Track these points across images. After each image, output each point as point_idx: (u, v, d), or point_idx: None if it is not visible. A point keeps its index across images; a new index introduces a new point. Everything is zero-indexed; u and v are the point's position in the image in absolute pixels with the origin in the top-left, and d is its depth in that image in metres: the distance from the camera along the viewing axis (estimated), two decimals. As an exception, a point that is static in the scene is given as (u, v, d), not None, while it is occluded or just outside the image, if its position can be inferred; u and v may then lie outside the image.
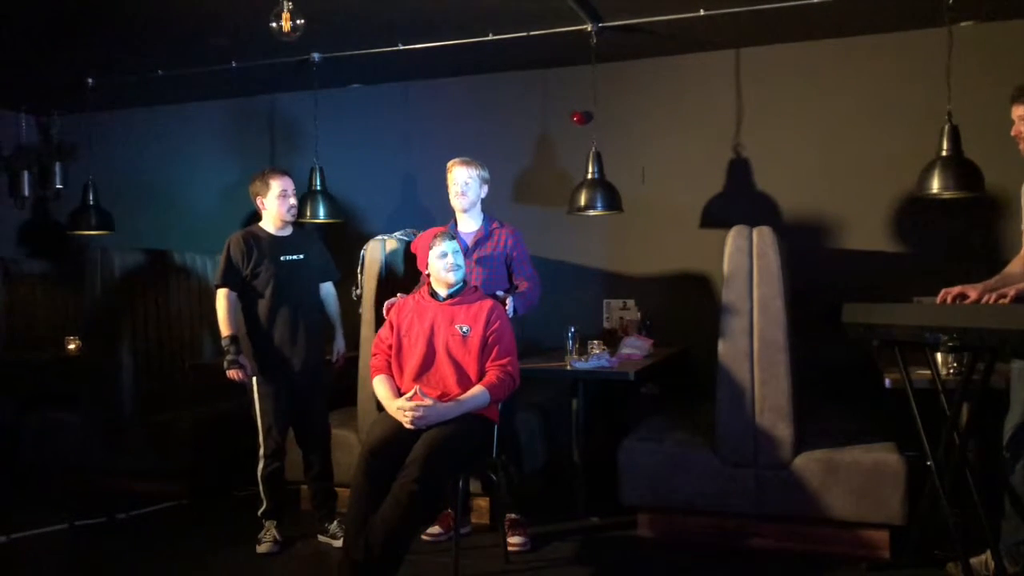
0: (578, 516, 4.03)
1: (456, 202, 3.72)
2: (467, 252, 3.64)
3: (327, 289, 3.89)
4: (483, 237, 3.72)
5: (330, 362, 3.92)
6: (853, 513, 3.41)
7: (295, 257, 3.70)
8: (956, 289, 2.78)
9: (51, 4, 4.08)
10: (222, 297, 3.63)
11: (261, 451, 3.67)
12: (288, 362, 3.63)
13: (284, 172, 3.73)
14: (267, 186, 3.67)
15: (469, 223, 3.76)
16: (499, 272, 3.70)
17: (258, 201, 3.71)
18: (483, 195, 3.77)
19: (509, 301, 3.49)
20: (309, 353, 3.68)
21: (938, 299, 2.81)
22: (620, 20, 4.34)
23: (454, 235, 3.40)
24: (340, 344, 3.93)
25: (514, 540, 3.61)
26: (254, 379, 3.66)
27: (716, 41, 4.74)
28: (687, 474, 3.63)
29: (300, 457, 3.79)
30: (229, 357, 3.57)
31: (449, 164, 3.75)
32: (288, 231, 3.76)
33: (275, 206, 3.67)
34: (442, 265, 3.29)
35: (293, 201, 3.70)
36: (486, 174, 3.77)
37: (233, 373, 3.58)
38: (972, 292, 2.75)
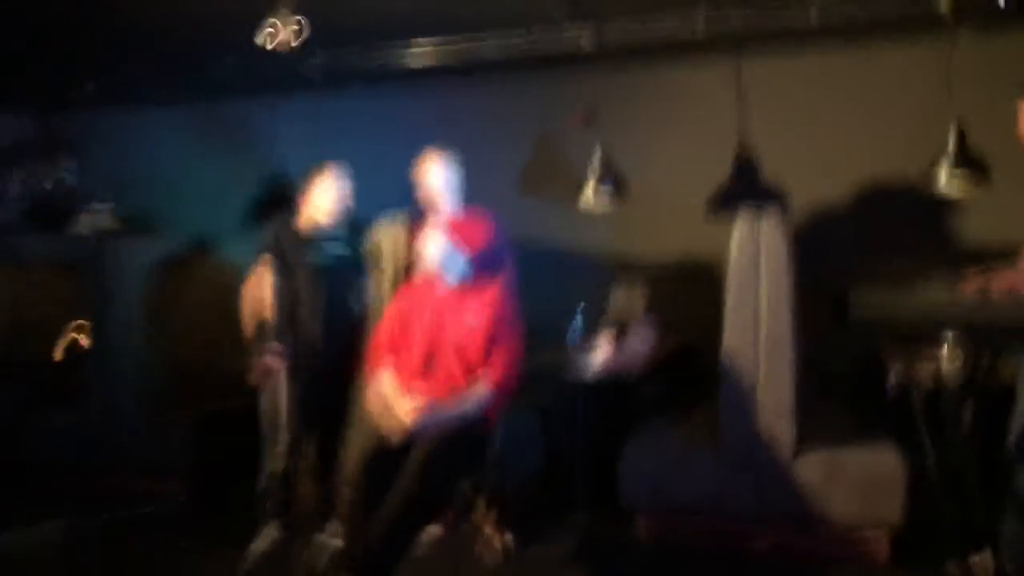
0: (577, 516, 4.03)
1: (437, 202, 3.68)
2: None
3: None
4: None
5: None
6: (854, 513, 3.41)
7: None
8: (980, 281, 2.76)
9: (51, 4, 4.08)
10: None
11: (274, 448, 3.67)
12: (310, 361, 3.62)
13: (335, 170, 3.75)
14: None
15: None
16: None
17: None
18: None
19: None
20: (333, 354, 3.65)
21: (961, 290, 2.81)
22: (620, 22, 4.34)
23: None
24: None
25: (505, 538, 3.62)
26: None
27: (719, 41, 4.72)
28: (687, 475, 3.62)
29: (311, 455, 3.78)
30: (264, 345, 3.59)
31: (422, 159, 3.68)
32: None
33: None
34: (427, 258, 3.29)
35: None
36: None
37: (267, 361, 3.58)
38: (992, 282, 2.74)
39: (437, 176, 3.65)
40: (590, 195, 4.50)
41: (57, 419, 4.85)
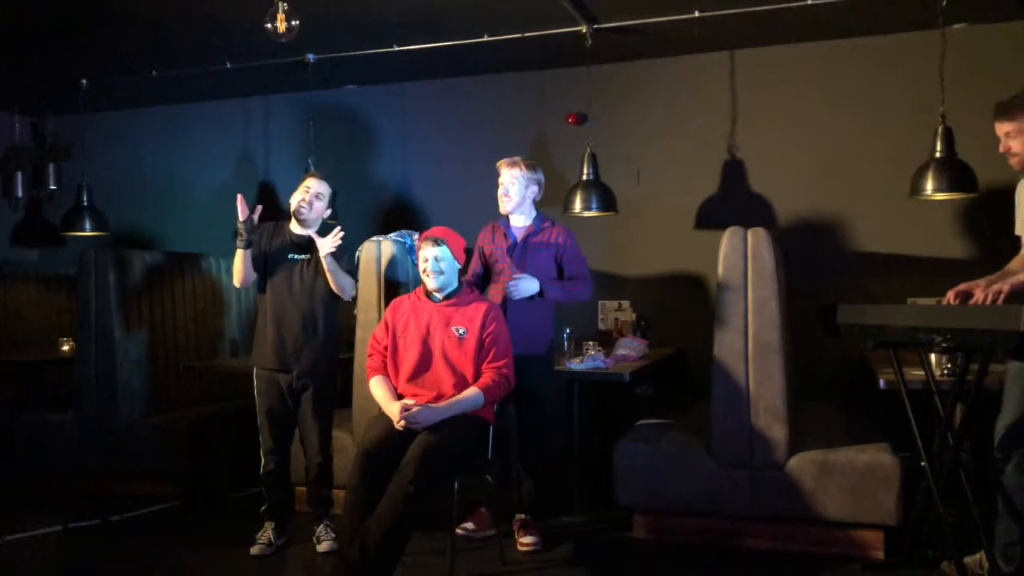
0: (573, 517, 4.03)
1: (501, 204, 3.74)
2: (514, 246, 3.70)
3: None
4: (533, 232, 3.74)
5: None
6: (848, 514, 3.42)
7: (300, 257, 3.64)
8: (962, 287, 2.79)
9: (45, 5, 4.07)
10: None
11: (262, 449, 3.67)
12: (280, 361, 3.61)
13: (313, 175, 3.72)
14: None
15: (520, 219, 3.77)
16: (547, 265, 3.70)
17: None
18: (533, 196, 3.75)
19: (518, 279, 3.52)
20: (305, 356, 3.61)
21: (945, 299, 2.82)
22: (615, 22, 4.35)
23: (442, 242, 3.30)
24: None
25: (526, 540, 3.62)
26: (254, 372, 3.67)
27: (711, 43, 4.75)
28: (682, 475, 3.63)
29: (302, 458, 3.77)
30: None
31: (497, 164, 3.76)
32: (314, 231, 3.68)
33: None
34: (421, 267, 3.31)
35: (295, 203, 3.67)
36: (536, 175, 3.74)
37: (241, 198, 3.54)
38: (977, 289, 2.77)
39: (505, 179, 3.71)
40: (578, 202, 4.50)
41: (51, 421, 4.82)
